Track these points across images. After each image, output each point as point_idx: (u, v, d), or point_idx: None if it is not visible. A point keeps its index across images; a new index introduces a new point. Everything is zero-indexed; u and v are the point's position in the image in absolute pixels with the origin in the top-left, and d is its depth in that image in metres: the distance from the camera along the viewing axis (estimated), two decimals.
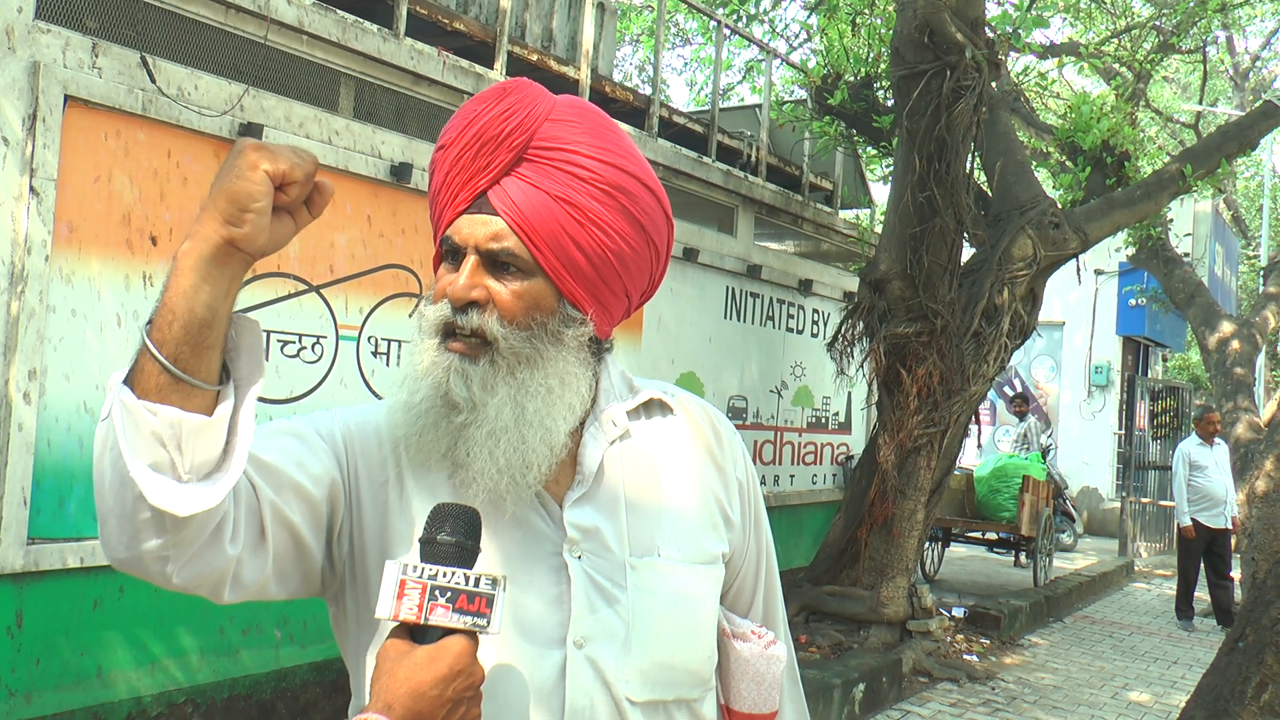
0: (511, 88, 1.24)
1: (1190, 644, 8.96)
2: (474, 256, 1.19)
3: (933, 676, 7.00)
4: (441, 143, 1.24)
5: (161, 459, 0.99)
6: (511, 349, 1.19)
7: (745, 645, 1.36)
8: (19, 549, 3.91)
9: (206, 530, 1.04)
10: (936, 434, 7.24)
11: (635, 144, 1.30)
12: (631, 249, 1.24)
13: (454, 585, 1.06)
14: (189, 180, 4.48)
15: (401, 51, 5.36)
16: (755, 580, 1.42)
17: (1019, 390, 16.88)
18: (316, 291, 5.00)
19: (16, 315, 3.89)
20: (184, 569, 1.05)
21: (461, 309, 1.19)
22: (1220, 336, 11.64)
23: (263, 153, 1.00)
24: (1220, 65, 19.79)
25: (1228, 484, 9.64)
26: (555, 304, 1.21)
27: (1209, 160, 8.58)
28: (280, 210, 1.04)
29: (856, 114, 8.58)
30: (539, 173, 1.19)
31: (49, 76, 3.95)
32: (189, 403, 1.00)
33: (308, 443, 1.22)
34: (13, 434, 3.88)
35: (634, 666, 1.21)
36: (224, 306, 1.02)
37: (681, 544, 1.28)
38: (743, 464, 1.40)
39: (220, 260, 1.01)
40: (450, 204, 1.22)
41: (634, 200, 1.23)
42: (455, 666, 1.04)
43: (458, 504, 1.13)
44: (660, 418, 1.36)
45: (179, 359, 0.99)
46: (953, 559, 12.17)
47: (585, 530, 1.23)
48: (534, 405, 1.20)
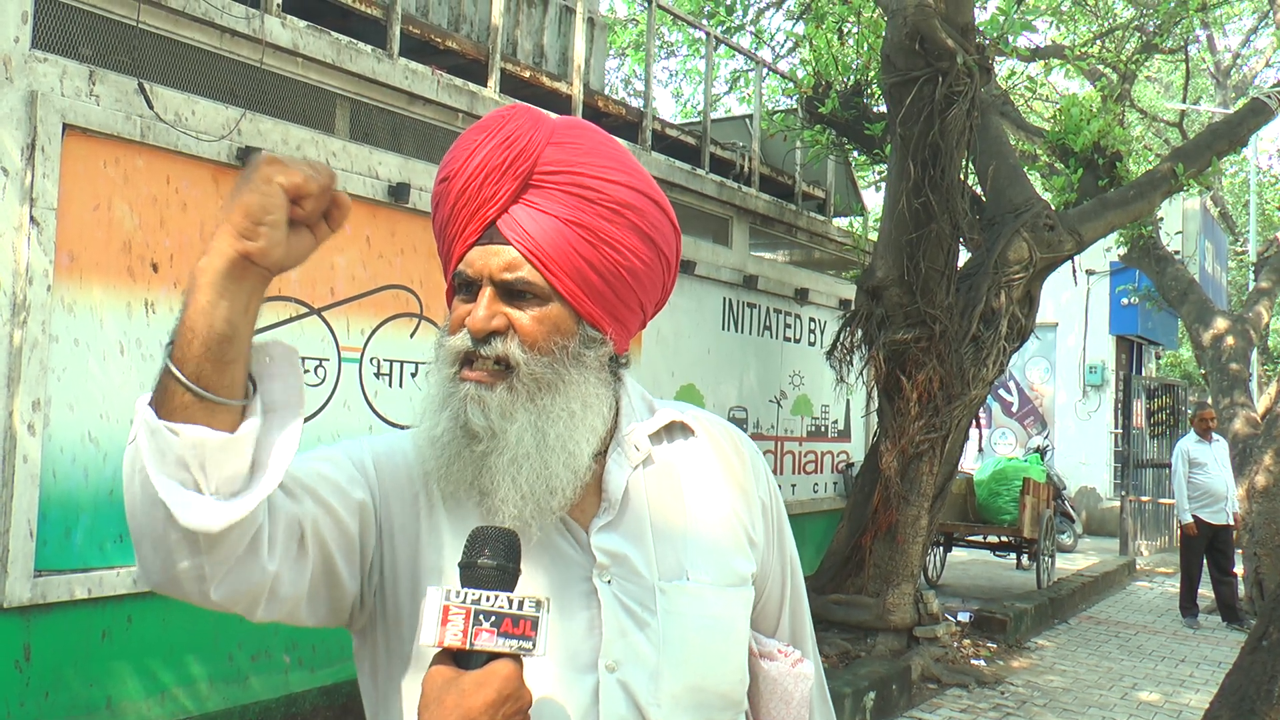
0: (510, 115, 1.23)
1: (1196, 641, 8.96)
2: (490, 287, 1.18)
3: (942, 682, 6.98)
4: (444, 175, 1.23)
5: (186, 479, 0.99)
6: (532, 374, 1.18)
7: (773, 664, 1.35)
8: (26, 582, 3.88)
9: (240, 547, 1.04)
10: (938, 439, 7.24)
11: (636, 159, 1.29)
12: (643, 263, 1.24)
13: (498, 609, 1.05)
14: (188, 206, 4.47)
15: (396, 71, 5.36)
16: (781, 599, 1.41)
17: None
18: (318, 314, 4.98)
19: (19, 346, 3.87)
20: (221, 586, 1.04)
21: (483, 339, 1.18)
22: (1215, 333, 11.68)
23: (277, 166, 0.99)
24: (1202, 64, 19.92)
25: (1228, 480, 9.65)
26: (574, 326, 1.21)
27: (1200, 159, 8.61)
28: (299, 225, 1.03)
29: (847, 122, 8.60)
30: (547, 198, 1.18)
31: (47, 105, 3.94)
32: (214, 420, 0.99)
33: (342, 470, 1.21)
34: (18, 466, 3.86)
35: (666, 691, 1.20)
36: (244, 322, 1.01)
37: (710, 567, 1.27)
38: (765, 483, 1.39)
39: (237, 275, 0.99)
40: (460, 237, 1.20)
41: (642, 215, 1.23)
42: (504, 691, 1.03)
43: (496, 527, 1.12)
44: (682, 440, 1.35)
45: (201, 377, 0.99)
46: (955, 563, 12.16)
47: (613, 555, 1.23)
48: (556, 430, 1.19)
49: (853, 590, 7.37)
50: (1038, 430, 17.05)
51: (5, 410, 3.86)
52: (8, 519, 3.84)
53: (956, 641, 7.78)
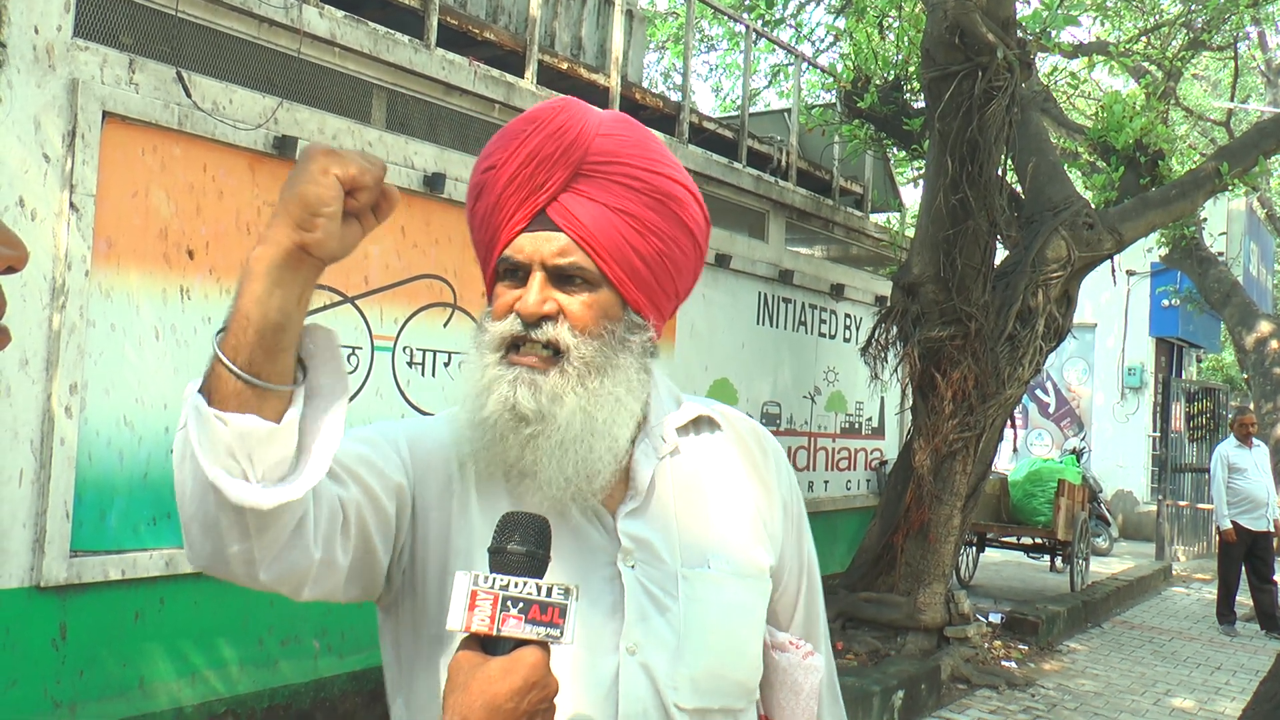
0: (560, 106, 1.26)
1: (1233, 649, 8.83)
2: (540, 272, 1.21)
3: (971, 683, 6.93)
4: (489, 164, 1.25)
5: (233, 468, 1.00)
6: (582, 358, 1.20)
7: (784, 655, 1.37)
8: (62, 562, 3.93)
9: (287, 531, 1.06)
10: (972, 438, 7.17)
11: (672, 153, 1.32)
12: (682, 252, 1.28)
13: (526, 595, 1.04)
14: (224, 194, 4.51)
15: (433, 62, 5.37)
16: (796, 594, 1.43)
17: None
18: (351, 303, 5.01)
19: (58, 330, 3.92)
20: (269, 568, 1.06)
21: (534, 323, 1.20)
22: (1258, 336, 11.50)
23: (333, 157, 1.00)
24: (1252, 61, 19.56)
25: (1268, 486, 9.50)
26: (621, 311, 1.25)
27: (1246, 158, 8.46)
28: (349, 216, 1.04)
29: (886, 117, 8.53)
30: (596, 187, 1.22)
31: (87, 93, 3.99)
32: (263, 408, 1.01)
33: (380, 452, 1.23)
34: (55, 448, 3.91)
35: (684, 674, 1.22)
36: (296, 311, 1.03)
37: (730, 557, 1.30)
38: (786, 480, 1.42)
39: (292, 265, 1.01)
40: (507, 223, 1.23)
41: (681, 206, 1.27)
42: (530, 678, 1.02)
43: (527, 512, 1.11)
44: (708, 434, 1.38)
45: (253, 364, 1.00)
46: (987, 564, 12.06)
47: (638, 541, 1.25)
48: (603, 414, 1.21)
49: (884, 588, 7.33)
50: (1074, 432, 16.86)
51: (44, 393, 3.92)
52: (45, 500, 3.90)
53: (987, 642, 7.71)
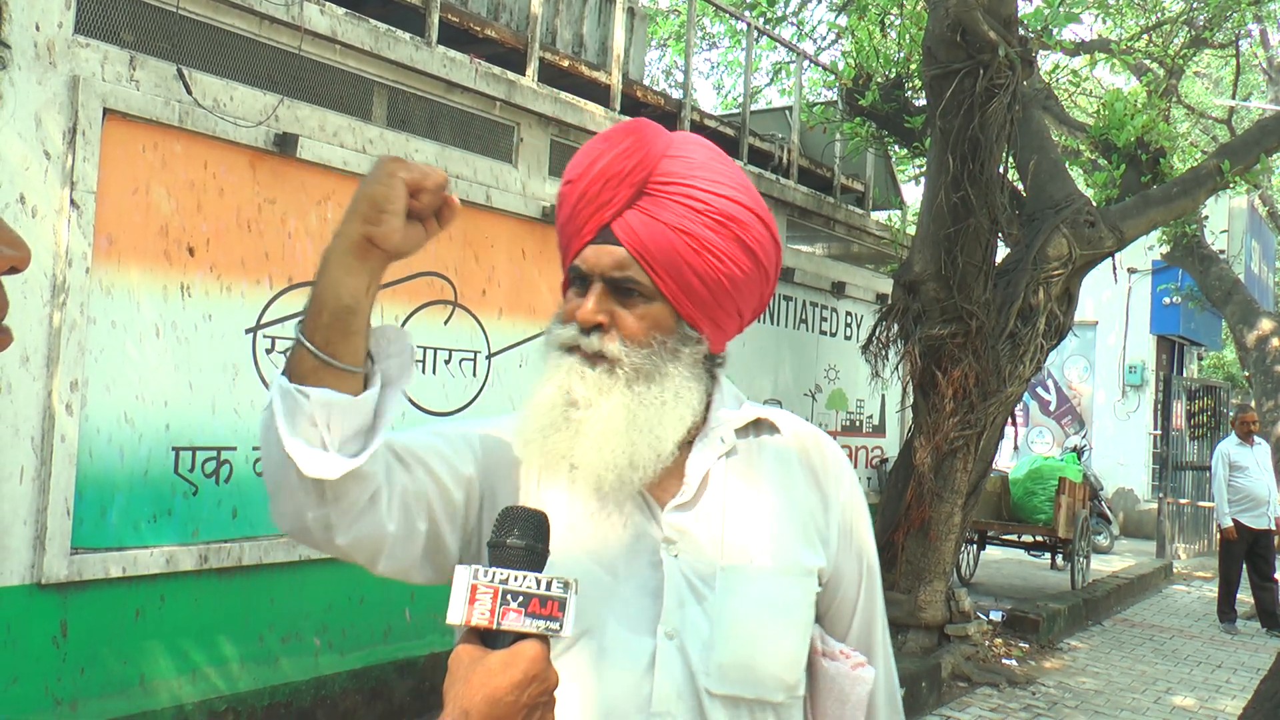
0: (632, 128, 1.34)
1: (1234, 647, 8.83)
2: (600, 283, 1.30)
3: (972, 681, 6.93)
4: (568, 178, 1.34)
5: (312, 436, 1.12)
6: (633, 365, 1.29)
7: (832, 664, 1.39)
8: (63, 559, 3.94)
9: (360, 501, 1.18)
10: (973, 436, 7.17)
11: (747, 175, 1.38)
12: (743, 273, 1.33)
13: (525, 589, 1.05)
14: (225, 191, 4.51)
15: (434, 59, 5.37)
16: (854, 604, 1.45)
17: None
18: None
19: (58, 327, 3.92)
20: (345, 534, 1.19)
21: (587, 331, 1.30)
22: (1259, 334, 11.49)
23: (399, 163, 1.13)
24: (1253, 59, 19.53)
25: (1269, 484, 9.49)
26: (674, 324, 1.32)
27: (1247, 156, 8.45)
28: (414, 218, 1.15)
29: (887, 115, 8.52)
30: (658, 205, 1.29)
31: (88, 90, 3.99)
32: (340, 385, 1.14)
33: (453, 445, 1.33)
34: (55, 445, 3.91)
35: (715, 661, 1.27)
36: (365, 297, 1.14)
37: (774, 553, 1.34)
38: (848, 489, 1.44)
39: (361, 254, 1.13)
40: (577, 235, 1.32)
41: (745, 229, 1.32)
42: (530, 671, 1.03)
43: (526, 507, 1.14)
44: (767, 437, 1.43)
45: (329, 344, 1.13)
46: (988, 562, 12.06)
47: (682, 532, 1.32)
48: (645, 414, 1.29)
49: (884, 586, 7.30)
50: (1075, 430, 16.84)
51: (44, 390, 3.92)
52: (46, 497, 3.90)
53: (988, 640, 7.71)
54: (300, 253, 4.80)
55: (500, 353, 5.80)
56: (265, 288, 4.68)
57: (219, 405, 4.50)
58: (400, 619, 5.24)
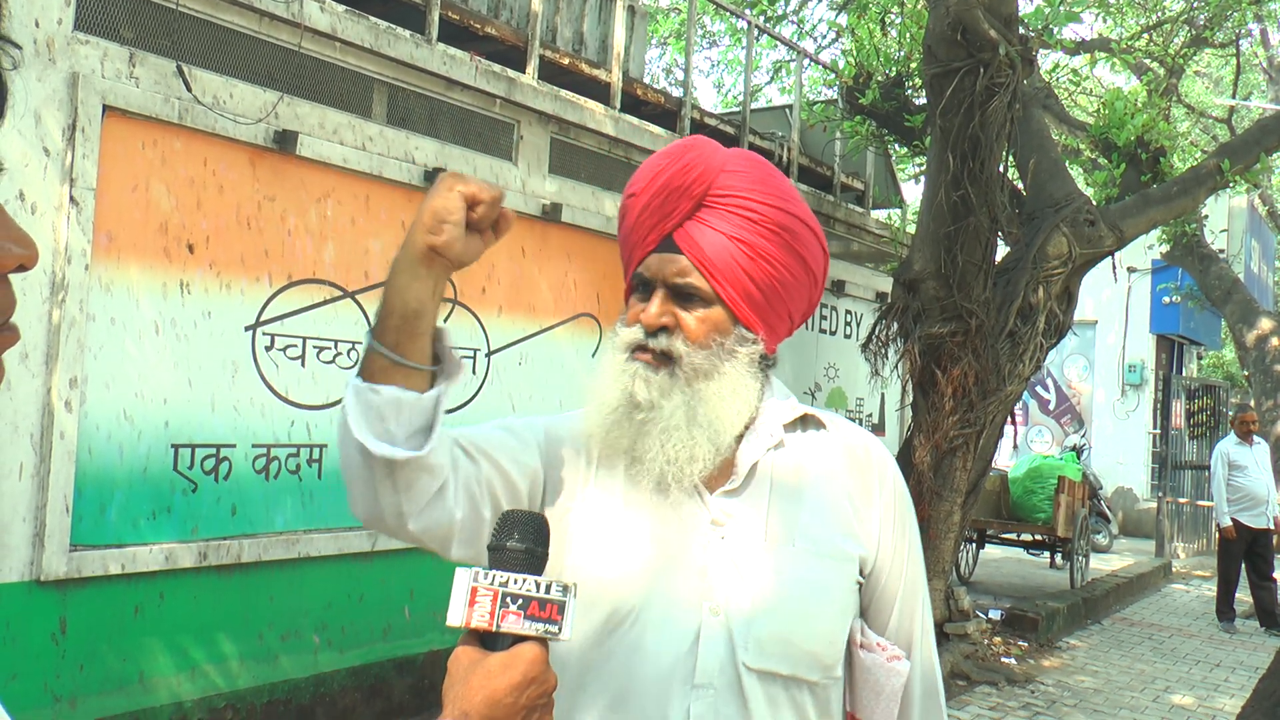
0: (692, 144, 1.44)
1: (1233, 646, 8.84)
2: (663, 289, 1.40)
3: (971, 680, 6.93)
4: (631, 191, 1.44)
5: (380, 431, 1.23)
6: (693, 365, 1.38)
7: (868, 655, 1.46)
8: (62, 556, 3.94)
9: (430, 491, 1.28)
10: (972, 435, 7.17)
11: (795, 189, 1.48)
12: (794, 278, 1.43)
13: (525, 592, 1.07)
14: (225, 188, 4.51)
15: (434, 57, 5.37)
16: (893, 599, 1.50)
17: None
18: (352, 297, 5.01)
19: (58, 324, 3.92)
20: (416, 520, 1.29)
21: (652, 333, 1.39)
22: (1259, 333, 11.49)
23: (459, 178, 1.23)
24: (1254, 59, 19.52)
25: (1269, 483, 9.49)
26: (731, 327, 1.41)
27: (1247, 155, 8.45)
28: (474, 230, 1.24)
29: (888, 113, 8.52)
30: (717, 217, 1.39)
31: (88, 87, 3.98)
32: (408, 383, 1.24)
33: (519, 438, 1.44)
34: (55, 442, 3.91)
35: (754, 636, 1.35)
36: (431, 301, 1.24)
37: (815, 539, 1.42)
38: (891, 487, 1.51)
39: (426, 262, 1.22)
40: (640, 244, 1.42)
41: (796, 238, 1.42)
42: (529, 674, 1.04)
43: (526, 511, 1.17)
44: (815, 432, 1.51)
45: (399, 345, 1.23)
46: (987, 560, 12.07)
47: (730, 516, 1.41)
48: (704, 411, 1.38)
49: None
50: (1075, 429, 16.84)
51: (43, 387, 3.92)
52: (45, 494, 3.90)
53: (987, 639, 7.71)
54: (300, 250, 4.80)
55: (499, 350, 5.80)
56: (265, 285, 4.68)
57: (218, 402, 4.50)
58: (399, 617, 5.24)
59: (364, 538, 5.02)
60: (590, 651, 1.36)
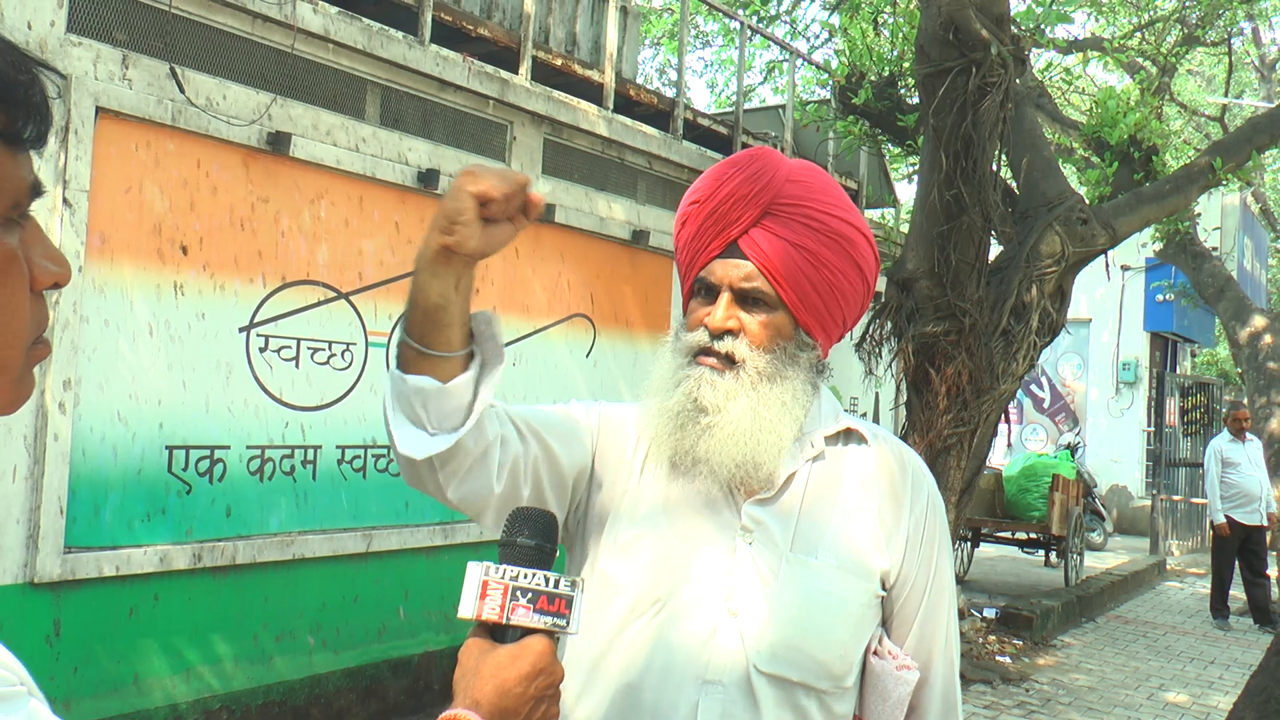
0: (758, 155, 1.48)
1: (1227, 643, 8.86)
2: (728, 293, 1.43)
3: (966, 679, 6.94)
4: (694, 199, 1.49)
5: (413, 415, 1.29)
6: (756, 368, 1.42)
7: (879, 661, 1.48)
8: (56, 558, 3.94)
9: (464, 466, 1.32)
10: (966, 433, 7.17)
11: (850, 198, 1.52)
12: (851, 285, 1.47)
13: (535, 586, 1.10)
14: (218, 189, 4.51)
15: (427, 58, 5.37)
16: (916, 611, 1.52)
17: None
18: (346, 299, 5.01)
19: (51, 326, 3.91)
20: (456, 490, 1.34)
21: (718, 336, 1.42)
22: (1252, 331, 11.51)
23: (469, 177, 1.23)
24: (1246, 57, 19.58)
25: (1262, 480, 9.51)
26: (792, 332, 1.45)
27: (1239, 153, 8.46)
28: (497, 220, 1.26)
29: (881, 113, 8.53)
30: (781, 225, 1.43)
31: (80, 89, 3.99)
32: (437, 371, 1.28)
33: (571, 422, 1.48)
34: (48, 444, 3.91)
35: (766, 639, 1.38)
36: (455, 294, 1.27)
37: (840, 553, 1.45)
38: (924, 502, 1.53)
39: (442, 260, 1.25)
40: (704, 250, 1.46)
41: (854, 246, 1.46)
42: (538, 665, 1.08)
43: (536, 508, 1.19)
44: (855, 446, 1.53)
45: (424, 337, 1.27)
46: (982, 559, 12.09)
47: (759, 523, 1.44)
48: (768, 414, 1.41)
49: None
50: (1069, 427, 16.88)
51: (38, 389, 3.92)
52: (39, 495, 3.90)
53: (982, 638, 7.73)
54: (294, 251, 4.80)
55: None
56: (259, 286, 4.68)
57: (213, 404, 4.50)
58: (394, 618, 5.24)
59: (359, 539, 5.03)
60: (610, 638, 1.41)
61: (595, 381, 6.48)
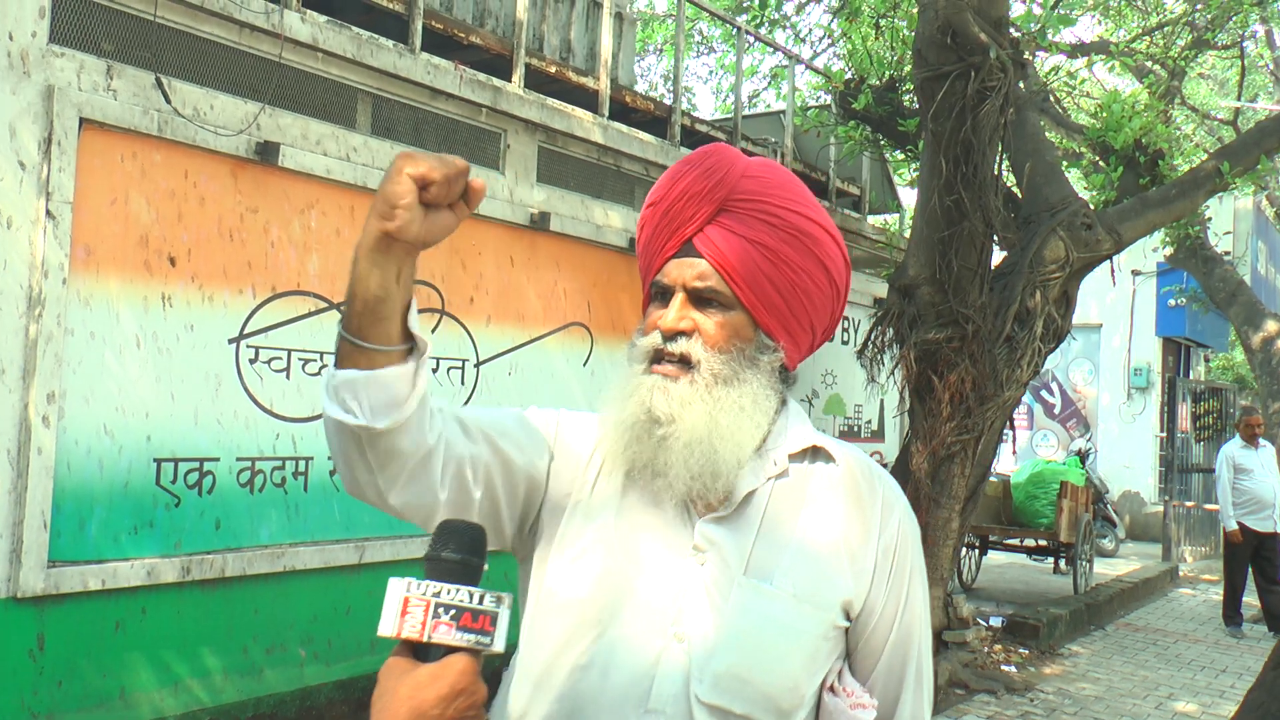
0: (712, 151, 1.44)
1: (1239, 651, 8.75)
2: (681, 293, 1.38)
3: (970, 688, 6.86)
4: (650, 201, 1.44)
5: (347, 407, 1.23)
6: (712, 370, 1.35)
7: (832, 698, 1.39)
8: (39, 572, 3.91)
9: (405, 467, 1.26)
10: (970, 441, 7.10)
11: (816, 198, 1.47)
12: (816, 286, 1.41)
13: (458, 603, 1.06)
14: (206, 200, 4.49)
15: (418, 67, 5.35)
16: (884, 642, 1.43)
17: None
18: (337, 309, 4.98)
19: (35, 339, 3.90)
20: (397, 495, 1.28)
21: (670, 338, 1.37)
22: (1265, 335, 11.41)
23: (407, 159, 1.17)
24: (1259, 60, 19.43)
25: (1275, 486, 9.40)
26: (752, 333, 1.39)
27: (1248, 157, 8.36)
28: (438, 207, 1.20)
29: (882, 118, 8.48)
30: (737, 221, 1.38)
31: (64, 100, 3.97)
32: (374, 364, 1.22)
33: (528, 428, 1.43)
34: (32, 458, 3.89)
35: (711, 669, 1.31)
36: (396, 285, 1.20)
37: (797, 580, 1.36)
38: (895, 526, 1.44)
39: (382, 248, 1.18)
40: (659, 252, 1.41)
41: (817, 244, 1.41)
42: (457, 685, 1.04)
43: (463, 521, 1.15)
44: (822, 464, 1.45)
45: (361, 330, 1.21)
46: (990, 567, 11.99)
47: (713, 543, 1.36)
48: (726, 419, 1.34)
49: None
50: (1080, 433, 16.75)
51: (21, 402, 3.90)
52: (22, 509, 3.88)
53: (987, 646, 7.65)
54: (283, 262, 4.78)
55: (488, 361, 5.76)
56: (248, 297, 4.65)
57: (201, 416, 4.48)
58: None
59: (350, 550, 4.99)
60: (555, 654, 1.34)
61: (593, 391, 6.44)
